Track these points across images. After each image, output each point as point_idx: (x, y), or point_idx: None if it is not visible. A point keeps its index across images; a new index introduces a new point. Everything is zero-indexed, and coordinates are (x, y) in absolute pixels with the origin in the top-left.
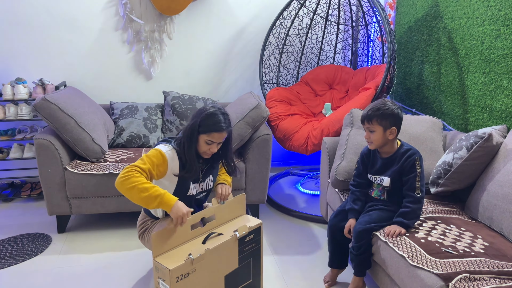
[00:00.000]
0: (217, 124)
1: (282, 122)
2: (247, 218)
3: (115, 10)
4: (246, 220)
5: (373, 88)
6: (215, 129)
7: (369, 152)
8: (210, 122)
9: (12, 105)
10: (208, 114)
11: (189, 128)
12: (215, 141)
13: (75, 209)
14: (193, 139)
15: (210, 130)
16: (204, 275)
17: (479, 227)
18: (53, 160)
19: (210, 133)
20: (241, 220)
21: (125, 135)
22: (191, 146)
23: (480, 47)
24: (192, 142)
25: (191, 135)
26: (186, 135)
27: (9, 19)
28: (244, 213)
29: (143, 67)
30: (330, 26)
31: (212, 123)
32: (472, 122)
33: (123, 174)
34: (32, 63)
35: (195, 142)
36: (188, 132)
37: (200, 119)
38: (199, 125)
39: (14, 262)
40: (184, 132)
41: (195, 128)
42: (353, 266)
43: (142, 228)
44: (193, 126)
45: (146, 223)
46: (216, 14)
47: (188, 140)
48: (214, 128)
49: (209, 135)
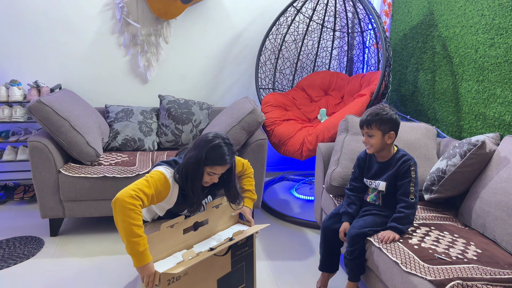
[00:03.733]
0: (222, 158)
1: (277, 127)
2: (242, 225)
3: (111, 13)
4: (241, 226)
5: (368, 94)
6: (219, 163)
7: (366, 157)
8: (216, 155)
9: (6, 107)
10: (213, 146)
11: (194, 161)
12: (217, 173)
13: (68, 213)
14: (199, 172)
15: (214, 164)
16: (196, 278)
17: (472, 234)
18: (46, 162)
19: (213, 166)
20: (237, 227)
21: (120, 139)
22: (196, 179)
23: (474, 56)
24: (198, 175)
25: (197, 168)
26: (191, 168)
27: (5, 20)
28: (237, 219)
29: (139, 70)
30: (326, 33)
31: (217, 156)
32: (466, 129)
33: (133, 201)
34: (27, 65)
35: (201, 174)
36: (194, 165)
37: (205, 152)
38: (205, 157)
39: (6, 265)
40: (188, 164)
41: (201, 160)
42: (347, 271)
43: None
44: (199, 159)
45: None
46: (213, 19)
47: (194, 173)
48: (219, 162)
49: (212, 167)
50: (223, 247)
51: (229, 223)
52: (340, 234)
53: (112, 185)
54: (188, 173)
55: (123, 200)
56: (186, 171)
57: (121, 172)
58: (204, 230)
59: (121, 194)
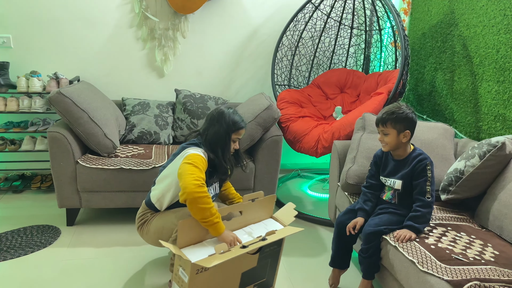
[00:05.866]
0: (242, 121)
1: (292, 124)
2: (275, 221)
3: (130, 7)
4: (274, 223)
5: (386, 93)
6: (242, 126)
7: (382, 154)
8: (237, 120)
9: (26, 98)
10: (231, 114)
11: (223, 131)
12: (239, 137)
13: (85, 203)
14: (228, 140)
15: (239, 128)
16: (223, 270)
17: (489, 236)
18: (65, 153)
19: (238, 130)
20: (270, 224)
21: (136, 131)
22: (226, 148)
23: (495, 56)
24: (227, 144)
25: (227, 137)
26: (221, 139)
27: (26, 13)
28: (271, 214)
29: (156, 64)
30: (344, 30)
31: (239, 120)
32: (484, 130)
33: (201, 190)
34: (47, 57)
35: (229, 143)
36: (224, 135)
37: (229, 121)
38: (232, 124)
39: (24, 253)
40: (217, 136)
41: (229, 129)
42: (361, 268)
43: (142, 220)
44: (226, 129)
45: (146, 215)
46: (230, 14)
47: (224, 143)
48: (242, 124)
49: (237, 132)
50: (255, 246)
51: (262, 216)
52: (350, 225)
53: (128, 177)
54: (219, 144)
55: (193, 192)
56: (216, 143)
57: (137, 164)
58: (237, 220)
59: (188, 187)
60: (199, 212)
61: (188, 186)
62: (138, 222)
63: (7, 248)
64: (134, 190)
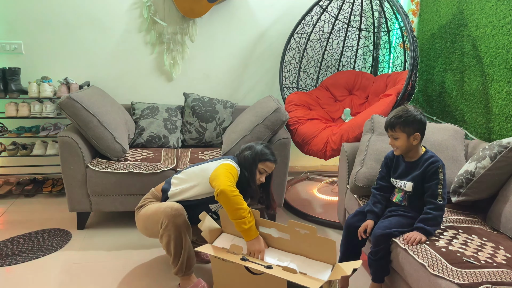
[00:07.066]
0: (272, 155)
1: (301, 127)
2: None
3: (139, 12)
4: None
5: (395, 94)
6: (270, 159)
7: (393, 156)
8: (268, 151)
9: (37, 103)
10: (264, 146)
11: (251, 157)
12: (267, 171)
13: (95, 206)
14: (254, 167)
15: (266, 159)
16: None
17: (501, 238)
18: (75, 157)
19: (265, 162)
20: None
21: (145, 135)
22: (252, 173)
23: (505, 56)
24: (253, 170)
25: (253, 163)
26: (249, 162)
27: (37, 19)
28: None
29: (165, 68)
30: (352, 32)
31: (269, 152)
32: (496, 131)
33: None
34: (57, 62)
35: (255, 170)
36: (251, 160)
37: (259, 149)
38: (261, 153)
39: (35, 256)
40: (246, 159)
41: (256, 156)
42: (371, 271)
43: (142, 204)
44: (254, 155)
45: (145, 200)
46: (238, 17)
47: (250, 168)
48: (270, 157)
49: (264, 163)
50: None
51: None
52: (360, 229)
53: (137, 180)
54: (247, 167)
55: (227, 190)
56: (245, 165)
57: (146, 168)
58: (279, 241)
59: (222, 185)
60: (232, 212)
61: (222, 184)
62: (139, 204)
63: (19, 251)
64: (144, 194)
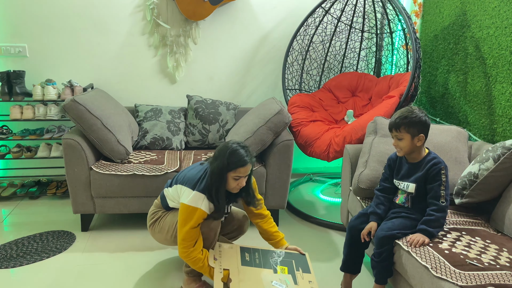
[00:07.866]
0: (242, 159)
1: (304, 128)
2: None
3: (142, 15)
4: None
5: (397, 96)
6: (241, 164)
7: (397, 157)
8: (235, 159)
9: (41, 106)
10: (231, 152)
11: (217, 170)
12: (242, 176)
13: (99, 208)
14: (223, 179)
15: (236, 167)
16: None
17: (505, 240)
18: (79, 160)
19: (236, 169)
20: None
21: (148, 137)
22: (220, 187)
23: (508, 57)
24: (221, 183)
25: (220, 176)
26: (215, 177)
27: (41, 22)
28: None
29: (168, 71)
30: (354, 34)
31: (237, 159)
32: (499, 133)
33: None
34: (61, 65)
35: (225, 182)
36: (218, 174)
37: (226, 159)
38: (227, 163)
39: (39, 258)
40: (212, 175)
41: (223, 168)
42: (374, 273)
43: (153, 218)
44: (221, 167)
45: (157, 213)
46: (241, 20)
47: (218, 181)
48: (240, 163)
49: (235, 171)
50: None
51: None
52: (364, 231)
53: (141, 182)
54: (213, 183)
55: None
56: (211, 181)
57: (150, 170)
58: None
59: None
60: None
61: (179, 249)
62: (150, 220)
63: (23, 253)
64: (147, 196)
